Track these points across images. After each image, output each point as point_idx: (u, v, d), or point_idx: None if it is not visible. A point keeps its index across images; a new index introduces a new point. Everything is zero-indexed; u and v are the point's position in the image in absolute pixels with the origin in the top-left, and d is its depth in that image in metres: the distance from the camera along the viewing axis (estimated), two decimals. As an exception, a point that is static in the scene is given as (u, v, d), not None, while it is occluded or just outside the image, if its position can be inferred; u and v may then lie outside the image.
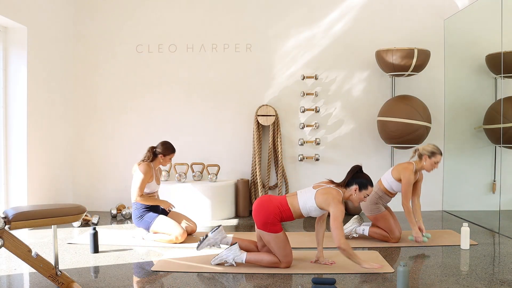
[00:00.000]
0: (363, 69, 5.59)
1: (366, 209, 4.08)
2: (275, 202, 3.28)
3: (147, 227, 4.10)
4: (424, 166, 4.00)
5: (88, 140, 5.67)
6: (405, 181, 3.94)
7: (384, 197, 4.09)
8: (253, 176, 5.53)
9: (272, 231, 3.23)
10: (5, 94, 4.57)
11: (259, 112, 5.44)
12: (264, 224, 3.24)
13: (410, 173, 3.95)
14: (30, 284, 3.02)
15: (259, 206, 3.29)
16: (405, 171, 3.96)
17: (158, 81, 5.63)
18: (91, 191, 5.67)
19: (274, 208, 3.24)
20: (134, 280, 3.08)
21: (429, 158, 3.96)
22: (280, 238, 3.25)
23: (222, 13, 5.60)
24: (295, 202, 3.27)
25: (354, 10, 5.58)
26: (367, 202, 4.06)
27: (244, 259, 3.33)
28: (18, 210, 2.65)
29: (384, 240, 4.03)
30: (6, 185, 4.57)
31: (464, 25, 5.35)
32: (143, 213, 4.13)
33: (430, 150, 3.96)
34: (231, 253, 3.34)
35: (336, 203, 3.14)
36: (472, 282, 3.00)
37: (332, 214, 3.12)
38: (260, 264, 3.33)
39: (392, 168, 4.10)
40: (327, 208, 3.17)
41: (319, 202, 3.18)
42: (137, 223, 4.16)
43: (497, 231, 4.49)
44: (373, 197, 4.06)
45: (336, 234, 3.09)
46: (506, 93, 5.14)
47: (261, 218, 3.25)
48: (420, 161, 4.01)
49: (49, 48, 5.05)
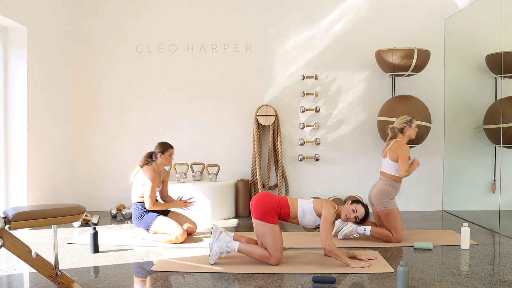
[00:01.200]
0: (363, 69, 5.59)
1: (379, 204, 4.06)
2: (276, 197, 3.47)
3: (147, 227, 4.10)
4: (410, 135, 4.15)
5: (88, 140, 5.67)
6: (403, 154, 3.99)
7: (396, 186, 4.08)
8: (253, 176, 5.53)
9: (269, 221, 3.35)
10: (5, 94, 4.57)
11: (259, 112, 5.44)
12: (262, 215, 3.36)
13: (404, 147, 4.03)
14: (30, 284, 3.02)
15: (261, 198, 3.43)
16: (399, 147, 4.03)
17: (158, 81, 5.63)
18: (91, 191, 5.67)
19: (274, 202, 3.42)
20: (134, 280, 3.08)
21: (409, 127, 4.12)
22: (275, 231, 3.37)
23: (222, 13, 5.61)
24: (295, 202, 3.49)
25: (354, 10, 5.58)
26: (382, 196, 4.05)
27: (236, 247, 3.40)
28: (18, 210, 2.65)
29: (385, 240, 4.03)
30: (6, 185, 4.57)
31: (464, 25, 5.35)
32: (143, 213, 4.13)
33: (406, 120, 4.14)
34: (222, 241, 3.39)
35: (329, 207, 3.40)
36: (472, 282, 3.00)
37: (323, 216, 3.35)
38: (252, 256, 3.40)
39: (387, 155, 4.11)
40: (321, 210, 3.39)
41: (315, 205, 3.44)
42: (137, 223, 4.16)
43: (497, 231, 4.49)
44: (387, 191, 4.05)
45: (324, 237, 3.31)
46: (506, 93, 5.14)
47: (260, 208, 3.37)
48: (404, 134, 4.14)
49: (49, 48, 5.05)
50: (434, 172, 5.63)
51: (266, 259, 3.37)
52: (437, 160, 5.63)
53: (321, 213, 3.39)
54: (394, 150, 4.05)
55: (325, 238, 3.29)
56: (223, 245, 3.38)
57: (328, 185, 5.60)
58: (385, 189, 4.06)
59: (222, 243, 3.39)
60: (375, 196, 4.10)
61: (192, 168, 5.46)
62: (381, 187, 4.09)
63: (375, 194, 4.11)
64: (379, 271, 3.21)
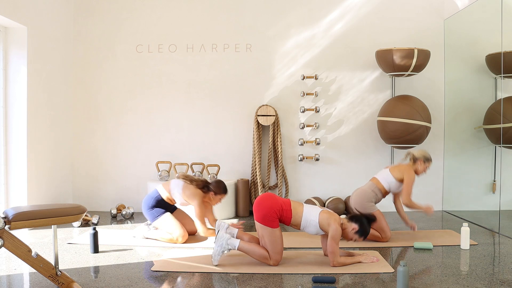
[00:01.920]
0: (363, 69, 5.59)
1: (361, 207, 4.10)
2: (279, 200, 3.42)
3: (152, 220, 4.13)
4: (418, 169, 4.14)
5: (88, 140, 5.67)
6: (410, 180, 4.04)
7: (378, 195, 4.14)
8: (253, 176, 5.53)
9: (269, 225, 3.33)
10: (5, 94, 4.57)
11: (259, 112, 5.44)
12: (263, 217, 3.34)
13: (413, 173, 4.09)
14: (30, 284, 3.02)
15: (263, 200, 3.40)
16: (409, 171, 4.07)
17: (158, 81, 5.63)
18: (91, 191, 5.67)
19: (276, 205, 3.37)
20: (134, 280, 3.08)
21: (424, 162, 4.13)
22: (275, 234, 3.34)
23: (222, 13, 5.61)
24: (299, 209, 3.41)
25: (354, 10, 5.58)
26: (362, 199, 4.10)
27: (237, 245, 3.38)
28: (18, 210, 2.65)
29: (375, 240, 4.07)
30: (6, 185, 4.57)
31: (464, 25, 5.35)
32: (155, 206, 4.15)
33: (425, 156, 4.14)
34: (222, 240, 3.38)
35: (336, 224, 3.33)
36: (472, 282, 3.00)
37: (331, 234, 3.30)
38: (252, 255, 3.39)
39: (389, 168, 4.17)
40: (326, 228, 3.35)
41: (321, 219, 3.35)
42: (145, 211, 4.18)
43: (497, 231, 4.49)
44: (369, 195, 4.10)
45: (332, 257, 3.29)
46: (506, 93, 5.14)
47: (262, 211, 3.35)
48: (414, 164, 4.14)
49: (49, 48, 5.05)
50: (434, 172, 5.63)
51: (266, 259, 3.37)
52: (437, 160, 5.63)
53: (326, 230, 3.35)
54: (400, 170, 4.09)
55: (333, 259, 3.30)
56: (223, 243, 3.37)
57: (328, 185, 5.60)
58: (368, 193, 4.11)
59: (222, 241, 3.38)
60: (357, 199, 4.13)
61: (192, 168, 5.46)
62: (364, 190, 4.14)
63: (357, 198, 4.13)
64: (379, 271, 3.21)
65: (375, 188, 4.13)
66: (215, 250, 3.38)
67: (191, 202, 4.15)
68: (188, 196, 4.13)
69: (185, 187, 4.16)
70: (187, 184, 4.18)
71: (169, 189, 4.20)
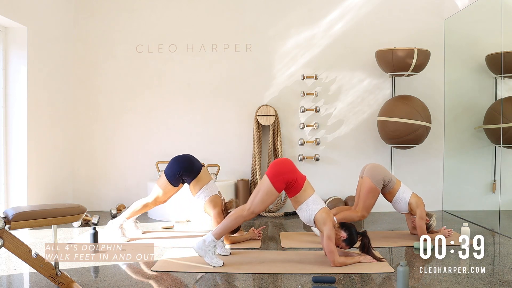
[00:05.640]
0: (363, 69, 5.59)
1: (375, 176, 4.08)
2: (297, 172, 3.42)
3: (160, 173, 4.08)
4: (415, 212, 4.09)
5: (88, 140, 5.67)
6: (424, 213, 4.04)
7: (386, 187, 4.13)
8: (253, 176, 5.53)
9: (274, 185, 3.33)
10: (5, 94, 4.56)
11: (259, 112, 5.44)
12: (274, 175, 3.34)
13: (424, 213, 4.05)
14: (30, 284, 3.02)
15: (284, 163, 3.43)
16: (423, 206, 4.07)
17: (158, 81, 5.63)
18: (91, 191, 5.66)
19: (293, 174, 3.37)
20: (134, 280, 3.08)
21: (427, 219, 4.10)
22: (271, 194, 3.35)
23: (222, 13, 5.60)
24: (308, 192, 3.42)
25: (354, 10, 5.58)
26: (380, 171, 4.11)
27: (211, 237, 3.31)
28: (18, 210, 2.65)
29: (350, 220, 4.06)
30: (6, 185, 4.57)
31: (464, 25, 5.35)
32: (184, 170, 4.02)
33: (428, 215, 4.15)
34: (199, 243, 3.32)
35: (331, 225, 3.36)
36: (472, 282, 3.00)
37: (326, 234, 3.32)
38: (229, 227, 3.37)
39: (413, 193, 4.14)
40: (320, 226, 3.37)
41: (319, 215, 3.37)
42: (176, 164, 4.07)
43: (497, 231, 4.48)
44: (386, 174, 4.11)
45: (331, 257, 3.31)
46: (506, 93, 5.14)
47: (277, 169, 3.36)
48: (418, 207, 4.09)
49: (49, 48, 5.05)
50: (434, 172, 5.63)
51: (240, 212, 3.35)
52: (437, 160, 5.63)
53: (320, 227, 3.38)
54: (418, 204, 4.06)
55: (333, 258, 3.30)
56: (201, 246, 3.31)
57: (328, 185, 5.60)
58: (386, 173, 4.13)
59: (200, 244, 3.32)
60: (374, 167, 4.14)
61: (192, 168, 5.45)
62: (385, 170, 4.16)
63: (374, 166, 4.15)
64: (379, 271, 3.21)
65: (391, 182, 4.10)
66: (206, 260, 3.31)
67: (210, 212, 4.00)
68: (212, 210, 3.97)
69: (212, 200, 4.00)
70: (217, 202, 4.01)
71: (200, 185, 4.03)
